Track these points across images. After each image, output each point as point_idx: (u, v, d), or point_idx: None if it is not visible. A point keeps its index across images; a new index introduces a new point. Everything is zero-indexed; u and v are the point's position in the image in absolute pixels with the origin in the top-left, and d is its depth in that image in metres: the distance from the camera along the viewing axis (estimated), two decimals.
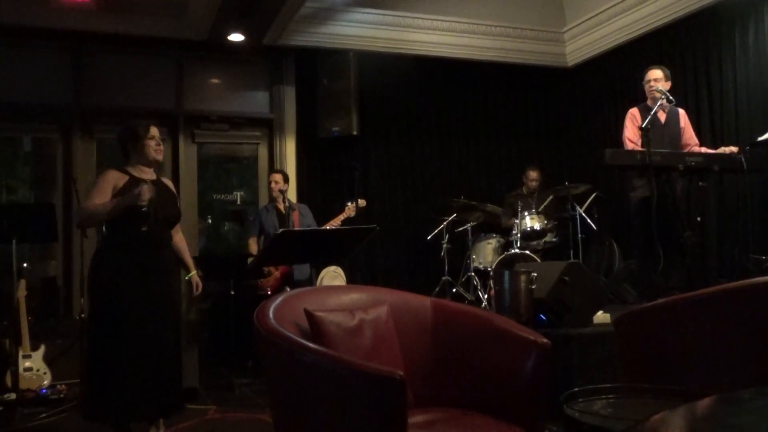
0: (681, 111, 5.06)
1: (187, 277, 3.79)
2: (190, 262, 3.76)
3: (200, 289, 3.81)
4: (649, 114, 4.63)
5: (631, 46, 6.56)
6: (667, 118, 4.96)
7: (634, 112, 4.95)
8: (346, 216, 5.54)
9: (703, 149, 4.98)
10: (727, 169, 4.71)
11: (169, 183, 3.66)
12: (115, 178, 3.34)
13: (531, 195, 6.64)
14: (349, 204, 5.55)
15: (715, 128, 5.78)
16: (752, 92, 5.47)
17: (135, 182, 3.32)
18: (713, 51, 5.85)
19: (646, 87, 4.94)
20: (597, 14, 6.78)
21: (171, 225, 3.54)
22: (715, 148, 5.18)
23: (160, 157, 3.48)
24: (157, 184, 3.43)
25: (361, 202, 5.53)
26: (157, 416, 3.43)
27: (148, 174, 3.46)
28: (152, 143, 3.41)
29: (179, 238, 3.67)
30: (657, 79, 4.90)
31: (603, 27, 6.77)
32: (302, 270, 5.19)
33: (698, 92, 5.95)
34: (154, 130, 3.46)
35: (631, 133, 4.85)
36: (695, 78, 5.99)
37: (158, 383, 3.27)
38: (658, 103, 4.78)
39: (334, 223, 5.51)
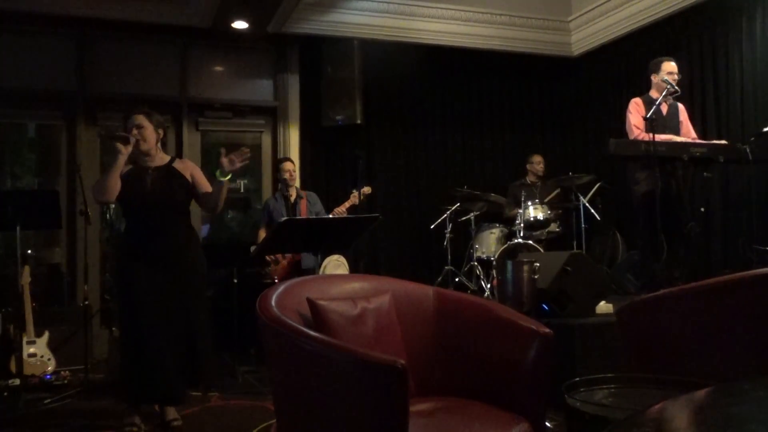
0: (681, 105, 5.06)
1: (220, 177, 3.41)
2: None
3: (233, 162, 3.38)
4: (653, 104, 4.63)
5: (637, 35, 6.52)
6: (668, 111, 4.95)
7: (637, 101, 4.94)
8: (351, 204, 5.54)
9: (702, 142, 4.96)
10: (733, 159, 4.70)
11: (184, 167, 3.56)
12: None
13: (535, 185, 6.63)
14: (354, 192, 5.55)
15: (720, 118, 5.75)
16: (759, 82, 5.44)
17: (137, 170, 3.42)
18: (720, 40, 5.81)
19: (668, 78, 4.83)
20: (603, 3, 6.73)
21: (179, 211, 3.50)
22: (720, 138, 5.16)
23: (142, 147, 3.39)
24: (161, 170, 3.46)
25: (367, 190, 5.57)
26: (162, 402, 3.46)
27: (153, 161, 3.48)
28: (133, 132, 3.37)
29: (208, 193, 3.49)
30: (677, 72, 4.89)
31: (609, 16, 6.72)
32: (309, 258, 5.19)
33: (704, 81, 5.92)
34: (135, 119, 3.40)
35: (638, 121, 4.83)
36: (701, 67, 5.96)
37: (163, 370, 3.31)
38: (663, 94, 4.76)
39: (339, 211, 5.52)
